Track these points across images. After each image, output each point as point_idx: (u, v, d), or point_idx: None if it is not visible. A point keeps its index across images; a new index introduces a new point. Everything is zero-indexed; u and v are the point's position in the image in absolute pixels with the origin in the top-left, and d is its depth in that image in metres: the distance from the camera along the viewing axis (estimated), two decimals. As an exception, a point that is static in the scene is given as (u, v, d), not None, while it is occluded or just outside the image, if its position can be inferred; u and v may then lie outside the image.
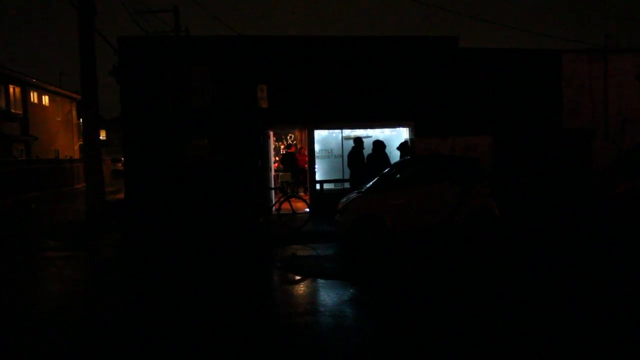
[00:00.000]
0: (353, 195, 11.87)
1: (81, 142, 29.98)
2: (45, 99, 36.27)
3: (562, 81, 16.75)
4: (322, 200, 14.90)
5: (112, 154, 46.01)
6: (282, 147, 24.87)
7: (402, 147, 14.31)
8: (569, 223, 12.99)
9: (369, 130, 15.96)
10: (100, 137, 21.33)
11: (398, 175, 11.70)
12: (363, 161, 14.12)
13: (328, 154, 15.95)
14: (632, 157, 14.17)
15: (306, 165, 16.49)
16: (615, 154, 16.09)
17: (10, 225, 15.83)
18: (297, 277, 9.04)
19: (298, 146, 20.77)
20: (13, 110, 31.56)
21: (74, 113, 40.26)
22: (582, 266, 9.01)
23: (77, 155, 37.73)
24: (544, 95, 16.60)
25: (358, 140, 14.36)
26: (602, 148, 16.63)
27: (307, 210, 14.00)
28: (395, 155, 14.52)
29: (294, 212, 13.58)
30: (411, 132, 15.83)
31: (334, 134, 15.94)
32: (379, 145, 13.83)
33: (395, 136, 16.13)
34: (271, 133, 16.95)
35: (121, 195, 18.25)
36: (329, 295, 7.86)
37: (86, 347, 5.97)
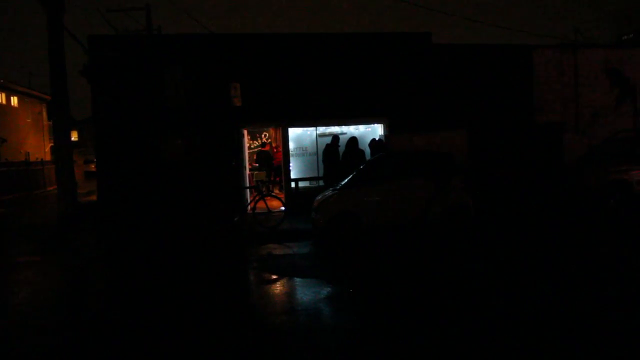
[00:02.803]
0: (328, 192, 11.85)
1: (52, 144, 29.53)
2: (14, 100, 35.59)
3: (533, 75, 16.95)
4: (297, 198, 14.87)
5: (84, 155, 45.28)
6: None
7: (374, 144, 14.29)
8: (543, 215, 13.15)
9: (343, 127, 15.96)
10: (72, 138, 20.92)
11: (373, 172, 11.70)
12: (338, 158, 14.11)
13: (303, 151, 15.91)
14: (602, 150, 14.42)
15: (280, 163, 16.45)
16: (586, 147, 16.36)
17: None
18: (274, 276, 8.99)
19: (273, 144, 20.68)
20: (-19, 112, 30.93)
21: (45, 114, 39.57)
22: (554, 257, 9.10)
23: (48, 157, 37.06)
24: (516, 90, 16.78)
25: (334, 137, 14.35)
26: (572, 141, 16.88)
27: (283, 208, 13.95)
28: (369, 152, 14.54)
29: (269, 211, 13.52)
30: (386, 128, 15.86)
31: (309, 132, 15.91)
32: (354, 142, 13.83)
33: (370, 132, 16.15)
34: (245, 132, 16.85)
35: (94, 197, 17.99)
36: (305, 294, 7.82)
37: (58, 353, 5.86)
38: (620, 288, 7.19)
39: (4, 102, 34.02)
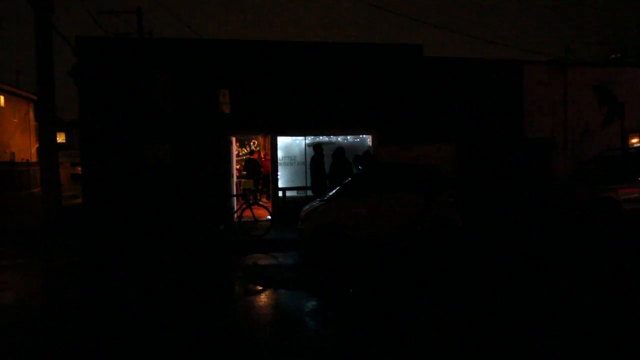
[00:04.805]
0: (315, 203, 11.77)
1: (38, 145, 29.24)
2: (1, 100, 35.20)
3: (523, 91, 17.00)
4: (284, 207, 14.74)
5: (72, 157, 44.76)
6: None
7: (359, 158, 14.09)
8: (531, 230, 13.12)
9: (332, 137, 15.88)
10: (59, 140, 20.69)
11: (360, 184, 11.63)
12: (323, 168, 14.01)
13: (291, 160, 15.80)
14: (591, 166, 14.46)
15: (268, 171, 16.34)
16: (575, 164, 16.43)
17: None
18: (259, 288, 8.87)
19: (262, 153, 20.56)
20: (-34, 111, 30.54)
21: (32, 115, 39.08)
22: (542, 274, 9.05)
23: (34, 158, 36.60)
24: (505, 105, 16.81)
25: (317, 147, 14.23)
26: (561, 157, 16.97)
27: (269, 217, 13.83)
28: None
29: (255, 220, 13.39)
30: (374, 140, 15.80)
31: (297, 141, 15.81)
32: (341, 152, 13.73)
33: (358, 143, 16.08)
34: (234, 139, 16.72)
35: (79, 201, 17.76)
36: (290, 307, 7.71)
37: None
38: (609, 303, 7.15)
39: (-10, 101, 33.67)
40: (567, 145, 17.36)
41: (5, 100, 35.80)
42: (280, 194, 15.09)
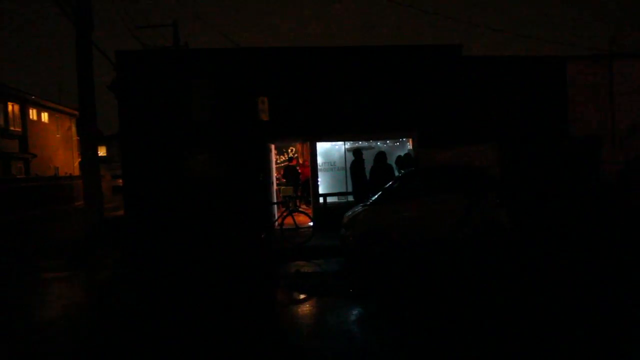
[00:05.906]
0: (358, 208, 11.55)
1: (80, 159, 29.74)
2: (45, 116, 36.05)
3: (567, 88, 16.48)
4: (325, 214, 14.59)
5: (113, 169, 45.59)
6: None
7: (401, 159, 13.85)
8: (579, 232, 12.63)
9: (372, 141, 15.66)
10: (100, 153, 21.09)
11: (403, 188, 11.35)
12: (364, 173, 13.78)
13: (331, 166, 15.64)
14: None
15: (307, 178, 16.20)
16: (624, 160, 15.81)
17: (8, 244, 15.52)
18: (302, 296, 8.70)
19: (300, 159, 20.46)
20: (12, 128, 31.32)
21: (74, 129, 39.94)
22: (593, 279, 8.65)
23: (77, 172, 37.38)
24: (549, 102, 16.32)
25: (357, 152, 14.01)
26: (610, 155, 16.37)
27: (311, 224, 13.67)
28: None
29: (297, 227, 13.25)
30: (415, 142, 15.51)
31: (337, 146, 15.64)
32: (382, 156, 13.49)
33: (399, 147, 15.84)
34: (273, 146, 16.64)
35: (121, 212, 17.94)
36: (335, 315, 7.49)
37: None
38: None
39: (35, 118, 34.46)
40: (614, 142, 16.74)
41: (49, 116, 36.66)
42: (321, 200, 14.92)
